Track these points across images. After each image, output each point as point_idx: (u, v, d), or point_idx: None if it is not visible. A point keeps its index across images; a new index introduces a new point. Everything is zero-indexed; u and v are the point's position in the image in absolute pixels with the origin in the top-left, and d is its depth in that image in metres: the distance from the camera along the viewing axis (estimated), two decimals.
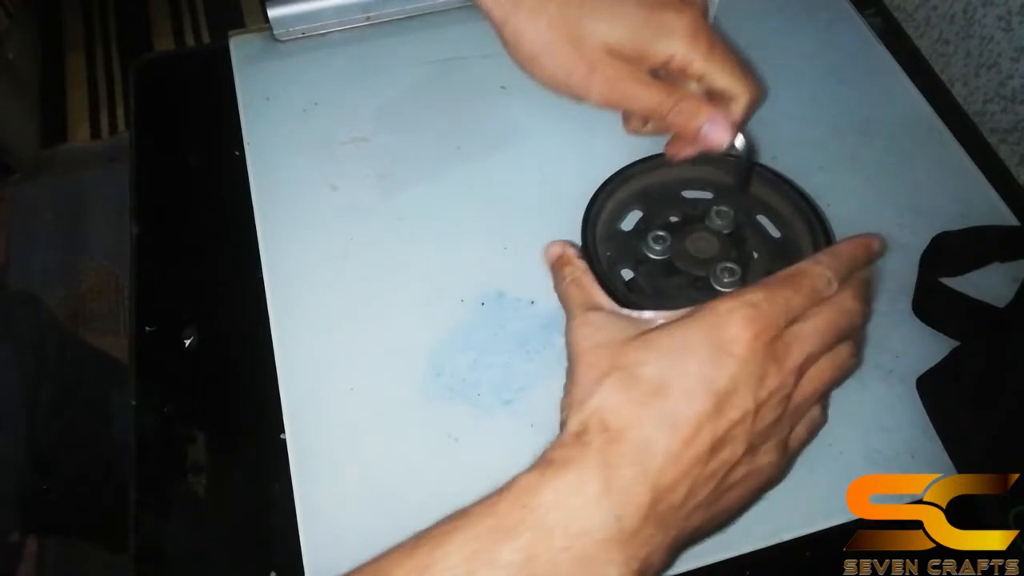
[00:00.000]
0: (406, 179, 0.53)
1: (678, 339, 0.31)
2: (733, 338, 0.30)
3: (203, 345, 0.49)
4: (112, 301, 1.42)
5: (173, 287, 0.52)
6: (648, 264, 0.42)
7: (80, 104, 1.69)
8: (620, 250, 0.43)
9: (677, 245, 0.42)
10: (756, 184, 0.44)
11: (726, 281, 0.40)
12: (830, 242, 0.41)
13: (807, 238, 0.42)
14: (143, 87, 0.62)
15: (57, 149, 1.62)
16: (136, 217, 0.54)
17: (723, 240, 0.42)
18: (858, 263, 0.35)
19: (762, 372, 0.30)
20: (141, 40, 1.77)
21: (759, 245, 0.43)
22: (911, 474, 0.42)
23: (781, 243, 0.43)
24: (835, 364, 0.34)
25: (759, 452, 0.32)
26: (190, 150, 0.57)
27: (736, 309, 0.31)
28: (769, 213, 0.44)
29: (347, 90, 0.58)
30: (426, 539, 0.29)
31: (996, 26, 0.57)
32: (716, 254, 0.42)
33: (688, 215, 0.44)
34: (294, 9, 0.59)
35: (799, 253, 0.42)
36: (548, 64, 0.39)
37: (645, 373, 0.30)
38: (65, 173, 1.59)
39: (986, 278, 0.49)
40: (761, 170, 0.44)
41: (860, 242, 0.36)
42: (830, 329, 0.32)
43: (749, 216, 0.44)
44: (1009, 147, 0.58)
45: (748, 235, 0.43)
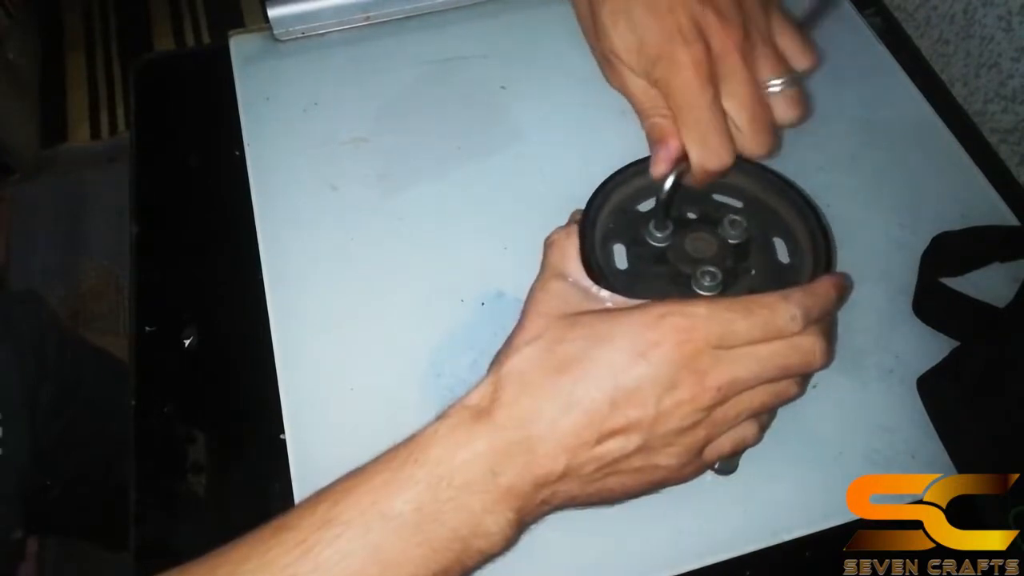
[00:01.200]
0: (406, 179, 0.53)
1: (607, 327, 0.32)
2: (654, 341, 0.31)
3: (203, 345, 0.49)
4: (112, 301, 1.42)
5: (173, 287, 0.52)
6: (643, 247, 0.42)
7: (80, 104, 1.69)
8: (623, 226, 0.43)
9: (678, 238, 0.42)
10: (785, 207, 0.43)
11: (706, 284, 0.39)
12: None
13: (808, 272, 0.41)
14: (143, 87, 0.62)
15: (57, 149, 1.62)
16: (136, 217, 0.54)
17: (725, 247, 0.42)
18: (831, 304, 0.34)
19: (673, 381, 0.31)
20: (141, 40, 1.77)
21: (760, 264, 0.42)
22: (911, 474, 0.42)
23: (784, 269, 0.42)
24: (773, 391, 0.34)
25: (658, 452, 0.32)
26: (190, 150, 0.57)
27: (670, 315, 0.31)
28: (787, 239, 0.43)
29: (347, 90, 0.58)
30: (328, 495, 0.31)
31: (996, 26, 0.57)
32: (709, 257, 0.41)
33: (707, 216, 0.43)
34: (294, 9, 0.59)
35: (796, 283, 0.41)
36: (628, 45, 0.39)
37: (562, 349, 0.32)
38: (65, 173, 1.59)
39: (986, 278, 0.49)
40: (795, 195, 0.43)
41: (835, 282, 0.35)
42: (774, 362, 0.32)
43: (765, 235, 0.43)
44: (1009, 147, 0.58)
45: (754, 251, 0.42)
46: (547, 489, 0.32)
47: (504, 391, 0.32)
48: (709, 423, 0.32)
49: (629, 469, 0.32)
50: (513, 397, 0.31)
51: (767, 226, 0.43)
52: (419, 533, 0.30)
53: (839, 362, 0.46)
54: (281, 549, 0.30)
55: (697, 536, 0.41)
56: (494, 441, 0.31)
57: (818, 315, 0.33)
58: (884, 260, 0.50)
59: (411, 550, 0.30)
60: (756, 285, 0.40)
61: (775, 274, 0.42)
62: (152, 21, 1.81)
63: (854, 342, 0.47)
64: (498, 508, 0.31)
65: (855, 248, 0.50)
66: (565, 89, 0.56)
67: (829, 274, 0.36)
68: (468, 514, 0.30)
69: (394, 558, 0.30)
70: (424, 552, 0.30)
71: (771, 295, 0.33)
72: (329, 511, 0.30)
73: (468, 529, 0.30)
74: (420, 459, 0.31)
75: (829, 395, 0.45)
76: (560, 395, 0.31)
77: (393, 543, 0.30)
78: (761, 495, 0.42)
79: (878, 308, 0.48)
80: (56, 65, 1.75)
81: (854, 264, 0.49)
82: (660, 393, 0.31)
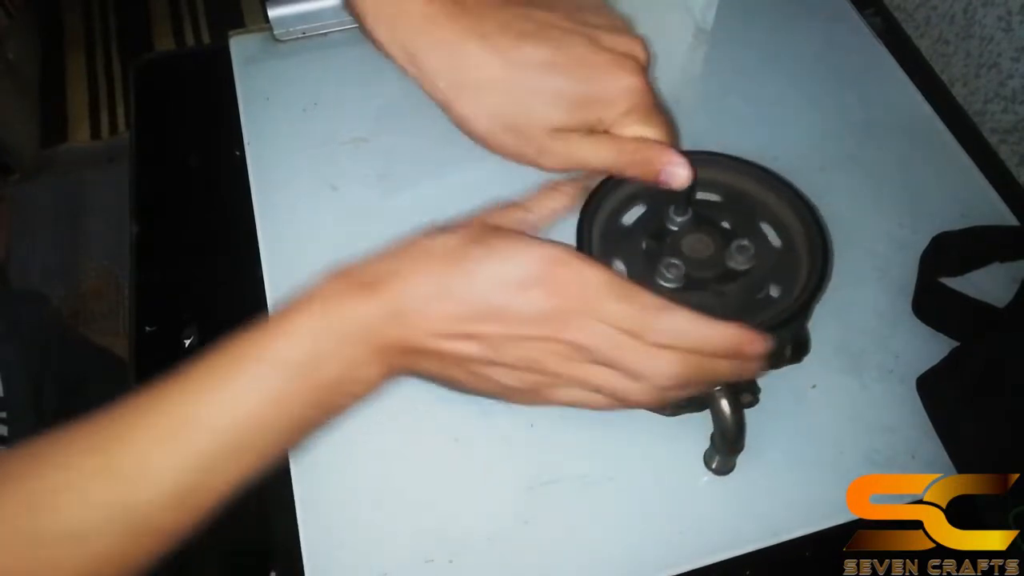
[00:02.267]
0: (406, 179, 0.53)
1: (515, 247, 0.34)
2: (539, 280, 0.33)
3: (203, 345, 0.48)
4: (112, 301, 1.42)
5: (173, 287, 0.52)
6: (649, 222, 0.43)
7: (80, 104, 1.69)
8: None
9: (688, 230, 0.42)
10: (799, 235, 0.42)
11: (667, 275, 0.39)
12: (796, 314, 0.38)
13: (775, 286, 0.40)
14: (143, 87, 0.62)
15: (57, 149, 1.62)
16: (136, 217, 0.54)
17: (718, 262, 0.41)
18: (712, 346, 0.34)
19: (533, 319, 0.33)
20: (141, 40, 1.77)
21: (736, 294, 0.40)
22: (911, 474, 0.42)
23: (761, 306, 0.40)
24: (609, 380, 0.35)
25: (495, 369, 0.35)
26: (190, 150, 0.57)
27: (566, 265, 0.33)
28: (786, 270, 0.41)
29: (347, 90, 0.58)
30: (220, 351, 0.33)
31: (996, 26, 0.57)
32: (695, 259, 0.41)
33: (732, 231, 0.42)
34: (294, 9, 0.59)
35: (757, 289, 0.40)
36: (496, 146, 0.40)
37: (468, 250, 0.34)
38: (65, 173, 1.59)
39: (986, 278, 0.49)
40: (810, 218, 0.41)
41: (740, 336, 0.34)
42: (615, 351, 0.33)
43: (764, 279, 0.41)
44: (1009, 147, 0.58)
45: (741, 281, 0.40)
46: (410, 357, 0.35)
47: (404, 263, 0.34)
48: (547, 368, 0.34)
49: (469, 371, 0.35)
50: (409, 270, 0.34)
51: (756, 227, 0.43)
52: (306, 377, 0.33)
53: (839, 362, 0.46)
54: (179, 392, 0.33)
55: (697, 536, 0.41)
56: (377, 308, 0.33)
57: (689, 345, 0.34)
58: (884, 260, 0.50)
59: (299, 393, 0.33)
60: (711, 306, 0.39)
61: (748, 308, 0.40)
62: (152, 21, 1.81)
63: (854, 342, 0.47)
64: (372, 360, 0.34)
65: (855, 248, 0.50)
66: None
67: (741, 330, 0.34)
68: (347, 362, 0.33)
69: (284, 398, 0.33)
70: (309, 393, 0.33)
71: (665, 301, 0.34)
72: (223, 359, 0.33)
73: (347, 375, 0.34)
74: (311, 311, 0.34)
75: (829, 395, 0.45)
76: (442, 285, 0.33)
77: (283, 386, 0.33)
78: (761, 495, 0.42)
79: (878, 308, 0.48)
80: (56, 65, 1.75)
81: (854, 264, 0.49)
82: (517, 324, 0.33)
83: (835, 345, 0.47)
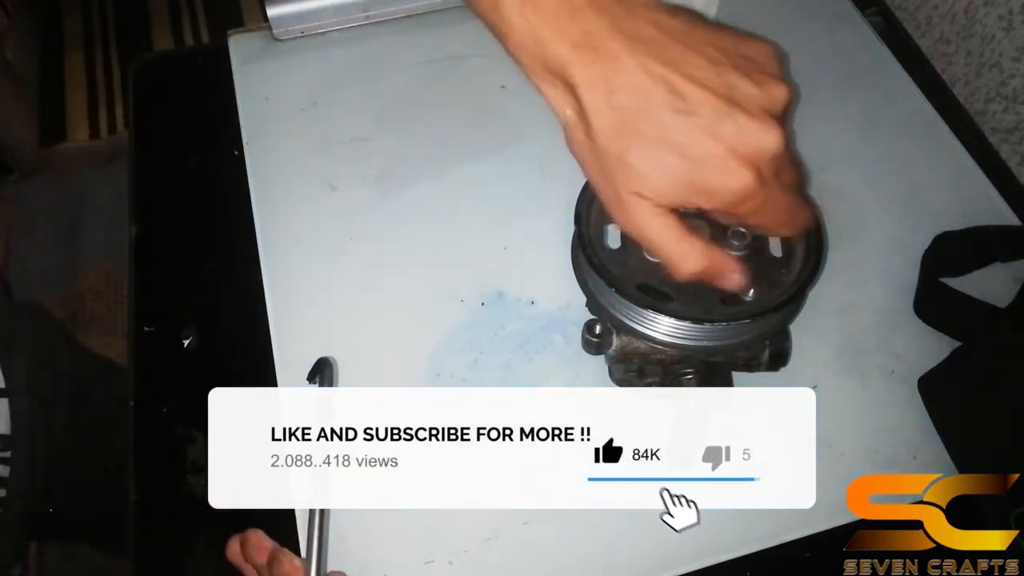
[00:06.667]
0: (406, 179, 0.53)
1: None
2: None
3: (202, 345, 0.48)
4: (111, 301, 1.42)
5: (172, 287, 0.52)
6: None
7: (79, 104, 1.69)
8: None
9: None
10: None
11: (735, 244, 0.40)
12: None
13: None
14: (142, 87, 0.62)
15: (56, 149, 1.62)
16: (135, 217, 0.54)
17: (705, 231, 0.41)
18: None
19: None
20: (141, 40, 1.77)
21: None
22: (911, 474, 0.42)
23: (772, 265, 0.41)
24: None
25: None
26: (189, 150, 0.57)
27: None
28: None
29: (347, 90, 0.57)
30: None
31: (997, 26, 0.56)
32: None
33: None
34: (293, 8, 0.59)
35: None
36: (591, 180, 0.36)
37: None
38: (65, 173, 1.59)
39: (987, 278, 0.49)
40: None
41: None
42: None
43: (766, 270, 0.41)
44: (1010, 147, 0.58)
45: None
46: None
47: None
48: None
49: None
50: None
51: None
52: None
53: (840, 362, 0.46)
54: None
55: (697, 536, 0.41)
56: None
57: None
58: (885, 260, 0.50)
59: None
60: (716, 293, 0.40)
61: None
62: (151, 21, 1.81)
63: (855, 342, 0.47)
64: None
65: (856, 248, 0.50)
66: None
67: None
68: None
69: None
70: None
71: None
72: None
73: None
74: None
75: (830, 395, 0.45)
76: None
77: None
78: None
79: (879, 308, 0.48)
80: (56, 65, 1.74)
81: (855, 264, 0.49)
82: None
83: (836, 345, 0.47)
